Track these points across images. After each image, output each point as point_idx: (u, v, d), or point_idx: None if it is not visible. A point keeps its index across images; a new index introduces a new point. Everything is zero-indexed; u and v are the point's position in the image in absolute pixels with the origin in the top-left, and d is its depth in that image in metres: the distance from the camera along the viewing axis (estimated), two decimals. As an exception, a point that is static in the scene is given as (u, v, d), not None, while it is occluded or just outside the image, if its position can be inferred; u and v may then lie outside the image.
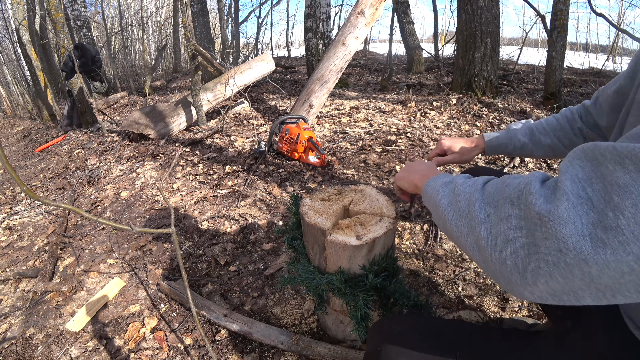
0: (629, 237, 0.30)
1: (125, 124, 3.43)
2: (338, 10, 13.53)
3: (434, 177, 0.64)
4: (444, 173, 0.66)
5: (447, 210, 0.52)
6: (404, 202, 1.95)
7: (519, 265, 0.38)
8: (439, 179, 0.61)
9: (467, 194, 0.48)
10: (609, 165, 0.34)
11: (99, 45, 8.71)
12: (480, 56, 3.60)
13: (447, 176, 0.62)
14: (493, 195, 0.44)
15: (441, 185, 0.58)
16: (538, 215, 0.36)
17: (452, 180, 0.57)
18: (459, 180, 0.55)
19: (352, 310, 0.88)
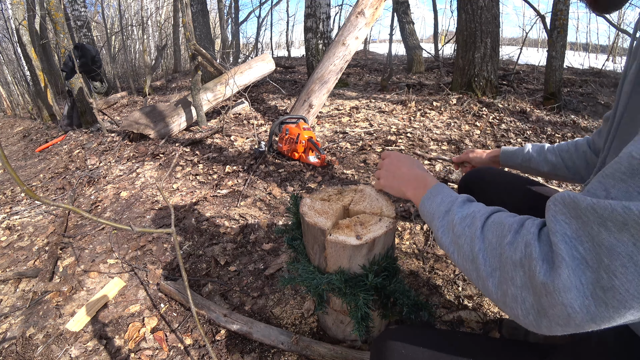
0: (626, 296, 0.33)
1: (125, 124, 3.43)
2: (338, 10, 13.54)
3: (428, 196, 0.62)
4: (436, 185, 0.64)
5: (450, 250, 0.53)
6: (404, 201, 1.95)
7: (532, 321, 0.40)
8: (434, 202, 0.60)
9: (468, 238, 0.49)
10: (593, 227, 0.35)
11: (99, 45, 8.71)
12: (480, 56, 3.60)
13: (441, 196, 0.60)
14: (495, 248, 0.45)
15: (438, 216, 0.57)
16: (543, 285, 0.38)
17: (449, 210, 0.56)
18: (457, 215, 0.54)
19: (352, 310, 0.88)
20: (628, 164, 0.36)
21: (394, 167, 0.76)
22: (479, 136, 2.82)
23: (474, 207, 0.54)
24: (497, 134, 2.82)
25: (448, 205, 0.57)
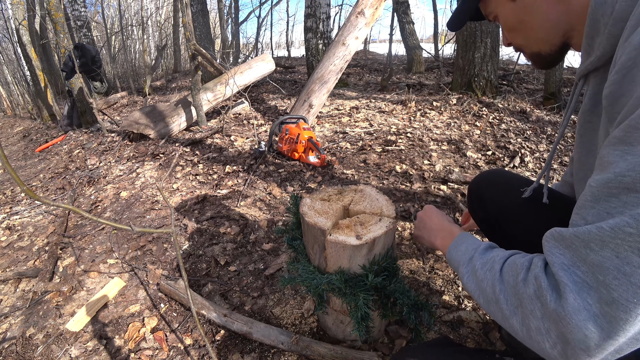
0: (628, 305, 0.36)
1: (125, 124, 3.43)
2: (338, 10, 13.55)
3: (454, 245, 0.67)
4: (461, 234, 0.69)
5: (475, 294, 0.56)
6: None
7: (560, 351, 0.42)
8: (459, 250, 0.65)
9: (489, 281, 0.53)
10: (582, 251, 0.40)
11: (99, 45, 8.71)
12: (480, 56, 3.60)
13: (465, 244, 0.65)
14: (513, 287, 0.48)
15: (463, 263, 0.62)
16: (556, 313, 0.41)
17: (472, 257, 0.60)
18: (478, 261, 0.58)
19: (352, 310, 0.88)
20: (590, 193, 0.42)
21: (427, 219, 0.83)
22: (479, 136, 2.82)
23: (493, 253, 0.57)
24: (497, 134, 2.82)
25: (471, 253, 0.61)
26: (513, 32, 0.64)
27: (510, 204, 0.89)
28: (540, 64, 0.66)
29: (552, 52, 0.61)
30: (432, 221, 0.81)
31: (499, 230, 0.93)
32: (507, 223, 0.89)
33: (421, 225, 0.84)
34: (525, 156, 2.40)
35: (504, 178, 0.97)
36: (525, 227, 0.85)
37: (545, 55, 0.63)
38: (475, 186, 1.00)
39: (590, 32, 0.51)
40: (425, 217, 0.84)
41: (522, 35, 0.63)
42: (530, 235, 0.85)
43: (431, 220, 0.82)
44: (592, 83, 0.57)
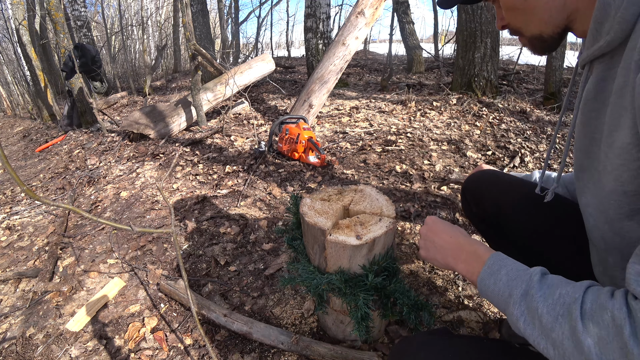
0: None
1: (125, 124, 3.43)
2: (338, 10, 13.55)
3: (489, 273, 0.54)
4: (493, 257, 0.57)
5: (541, 345, 0.45)
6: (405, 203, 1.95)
7: None
8: (498, 280, 0.52)
9: (566, 332, 0.42)
10: None
11: (99, 45, 8.70)
12: (480, 56, 3.60)
13: (506, 271, 0.53)
14: (611, 341, 0.39)
15: (514, 302, 0.49)
16: None
17: (527, 293, 0.48)
18: (540, 302, 0.46)
19: (352, 310, 0.88)
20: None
21: (434, 235, 0.69)
22: (479, 136, 2.82)
23: (558, 288, 0.46)
24: (497, 134, 2.82)
25: (523, 286, 0.49)
26: (513, 11, 0.60)
27: (507, 201, 0.89)
28: (539, 48, 0.62)
29: (554, 35, 0.58)
30: (442, 238, 0.67)
31: (495, 227, 0.93)
32: (504, 220, 0.89)
33: (429, 244, 0.69)
34: (525, 156, 2.40)
35: (498, 176, 0.97)
36: (523, 224, 0.85)
37: (546, 38, 0.59)
38: (470, 185, 1.00)
39: (600, 16, 0.48)
40: (431, 234, 0.70)
41: (523, 16, 0.59)
42: (527, 232, 0.85)
43: (440, 237, 0.68)
44: (597, 70, 0.54)
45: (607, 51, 0.50)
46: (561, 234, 0.80)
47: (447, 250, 0.65)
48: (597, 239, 0.60)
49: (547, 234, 0.82)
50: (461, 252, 0.63)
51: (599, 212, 0.55)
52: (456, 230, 0.68)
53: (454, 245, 0.65)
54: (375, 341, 1.14)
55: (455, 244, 0.65)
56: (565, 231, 0.79)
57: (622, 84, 0.46)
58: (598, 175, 0.54)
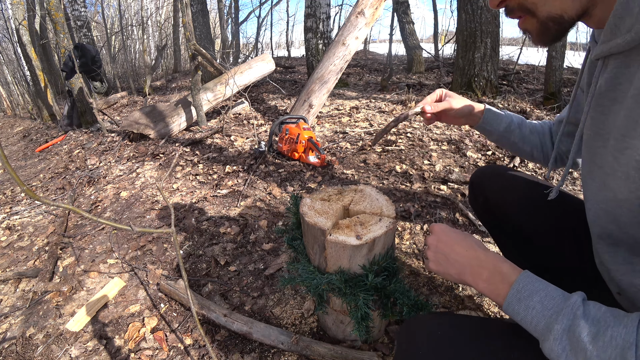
0: None
1: (125, 124, 3.43)
2: (338, 10, 13.55)
3: (519, 298, 0.49)
4: (523, 278, 0.51)
5: None
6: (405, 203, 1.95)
7: None
8: (533, 307, 0.48)
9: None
10: None
11: (99, 45, 8.70)
12: (480, 56, 3.60)
13: (540, 297, 0.48)
14: None
15: (555, 336, 0.44)
16: None
17: (571, 329, 0.44)
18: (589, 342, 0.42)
19: (352, 310, 0.88)
20: None
21: (446, 247, 0.62)
22: (479, 136, 2.82)
23: (608, 327, 0.42)
24: (497, 134, 2.82)
25: (565, 321, 0.44)
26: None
27: (513, 193, 0.91)
28: (549, 35, 0.54)
29: (574, 18, 0.51)
30: (456, 251, 0.60)
31: (500, 219, 0.94)
32: (510, 212, 0.90)
33: (441, 257, 0.62)
34: (525, 156, 2.40)
35: (506, 170, 0.99)
36: (528, 217, 0.86)
37: (566, 21, 0.51)
38: (478, 178, 1.02)
39: (621, 11, 0.45)
40: (442, 245, 0.63)
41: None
42: (532, 226, 0.86)
43: (454, 249, 0.61)
44: (611, 66, 0.51)
45: (625, 49, 0.48)
46: (566, 229, 0.80)
47: (463, 266, 0.59)
48: (601, 235, 0.58)
49: (553, 229, 0.82)
50: (481, 269, 0.56)
51: (605, 212, 0.54)
52: (471, 241, 0.61)
53: (472, 260, 0.58)
54: (375, 341, 1.14)
55: (473, 258, 0.58)
56: (571, 226, 0.79)
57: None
58: (604, 177, 0.53)
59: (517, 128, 0.90)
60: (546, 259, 0.84)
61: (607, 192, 0.52)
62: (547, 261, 0.84)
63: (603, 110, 0.53)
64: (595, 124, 0.56)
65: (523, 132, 0.90)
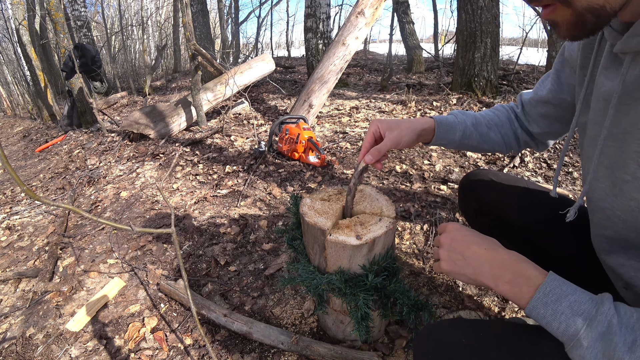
0: None
1: (125, 124, 3.43)
2: (338, 10, 13.55)
3: (545, 302, 0.48)
4: (550, 281, 0.49)
5: None
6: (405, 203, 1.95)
7: None
8: (561, 313, 0.46)
9: None
10: None
11: (99, 45, 8.70)
12: (480, 56, 3.60)
13: (568, 302, 0.46)
14: None
15: (589, 345, 0.43)
16: None
17: (605, 337, 0.42)
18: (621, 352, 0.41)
19: (352, 310, 0.88)
20: None
21: (461, 246, 0.59)
22: (479, 136, 2.82)
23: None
24: (497, 134, 2.82)
25: (599, 326, 0.43)
26: None
27: (509, 195, 0.90)
28: (583, 28, 0.46)
29: (613, 12, 0.44)
30: (474, 251, 0.57)
31: (495, 221, 0.93)
32: (505, 214, 0.90)
33: (456, 256, 0.59)
34: (525, 156, 2.40)
35: (497, 173, 0.98)
36: (525, 218, 0.86)
37: (607, 13, 0.44)
38: (470, 179, 1.01)
39: None
40: (457, 244, 0.59)
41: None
42: (530, 227, 0.86)
43: (471, 249, 0.58)
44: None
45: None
46: (565, 230, 0.80)
47: (482, 266, 0.55)
48: (614, 237, 0.57)
49: (551, 230, 0.82)
50: (503, 270, 0.53)
51: (623, 221, 0.52)
52: (489, 241, 0.58)
53: (493, 260, 0.55)
54: (375, 341, 1.14)
55: (494, 259, 0.55)
56: (567, 228, 0.79)
57: None
58: (620, 184, 0.50)
59: (473, 132, 0.85)
60: (546, 258, 0.84)
61: (627, 202, 0.49)
62: (547, 259, 0.84)
63: (623, 109, 0.50)
64: (612, 122, 0.52)
65: (481, 132, 0.86)
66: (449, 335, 0.56)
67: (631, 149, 0.48)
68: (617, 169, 0.52)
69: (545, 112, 0.78)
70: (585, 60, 0.63)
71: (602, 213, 0.57)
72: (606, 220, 0.57)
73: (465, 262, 0.58)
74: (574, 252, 0.78)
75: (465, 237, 0.60)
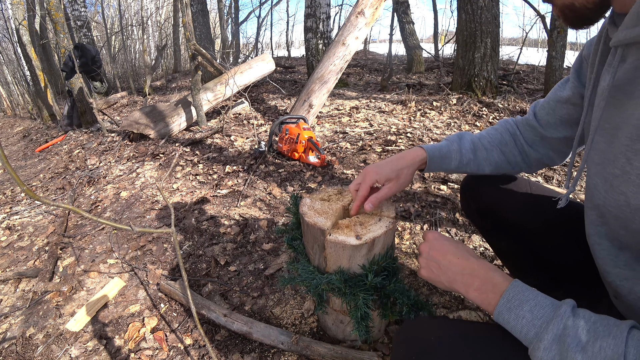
0: None
1: (125, 124, 3.43)
2: (338, 10, 13.56)
3: (509, 307, 0.49)
4: (513, 287, 0.51)
5: None
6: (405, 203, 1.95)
7: None
8: (522, 317, 0.47)
9: None
10: None
11: (99, 45, 8.71)
12: (480, 56, 3.60)
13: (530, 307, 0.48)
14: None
15: (545, 346, 0.44)
16: None
17: (561, 338, 0.43)
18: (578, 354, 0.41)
19: (352, 310, 0.88)
20: None
21: (438, 255, 0.62)
22: (479, 136, 2.82)
23: (597, 338, 0.41)
24: (497, 134, 2.83)
25: (554, 330, 0.44)
26: None
27: (506, 197, 0.89)
28: (571, 19, 0.53)
29: (589, 5, 0.50)
30: (449, 259, 0.61)
31: (493, 223, 0.93)
32: (503, 216, 0.89)
33: (432, 264, 0.63)
34: (525, 156, 2.40)
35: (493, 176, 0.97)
36: (522, 220, 0.85)
37: (579, 8, 0.50)
38: (469, 184, 1.00)
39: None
40: (434, 252, 0.63)
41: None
42: (527, 228, 0.85)
43: (446, 257, 0.61)
44: (633, 57, 0.47)
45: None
46: (562, 231, 0.80)
47: (455, 274, 0.59)
48: (608, 236, 0.56)
49: (548, 231, 0.82)
50: (473, 277, 0.56)
51: (614, 217, 0.52)
52: (463, 250, 0.62)
53: (464, 269, 0.58)
54: (375, 341, 1.14)
55: (465, 267, 0.58)
56: (567, 228, 0.78)
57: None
58: (610, 178, 0.50)
59: (471, 159, 0.85)
60: (548, 260, 0.84)
61: (617, 196, 0.49)
62: (548, 262, 0.84)
63: (615, 104, 0.50)
64: (603, 116, 0.52)
65: (480, 157, 0.85)
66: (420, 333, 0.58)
67: (621, 143, 0.48)
68: (607, 165, 0.51)
69: (565, 113, 0.75)
70: (594, 57, 0.63)
71: (597, 210, 0.56)
72: (601, 217, 0.56)
73: (441, 270, 0.61)
74: (574, 254, 0.78)
75: (442, 246, 0.63)
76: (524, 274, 0.94)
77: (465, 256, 0.60)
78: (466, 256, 0.60)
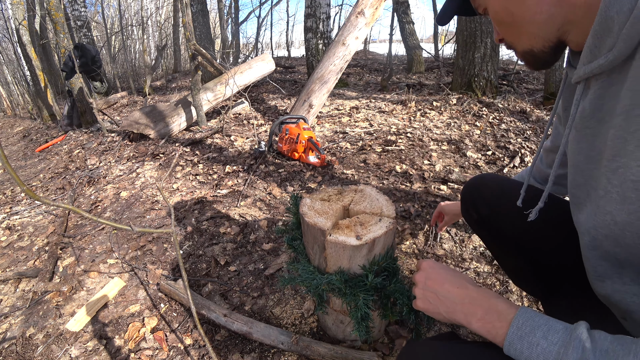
0: None
1: (125, 124, 3.43)
2: (338, 10, 13.56)
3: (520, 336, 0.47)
4: (522, 314, 0.49)
5: None
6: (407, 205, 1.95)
7: None
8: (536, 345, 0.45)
9: None
10: None
11: (99, 45, 8.71)
12: (480, 56, 3.60)
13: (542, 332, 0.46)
14: None
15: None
16: None
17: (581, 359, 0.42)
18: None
19: (352, 310, 0.88)
20: None
21: (435, 285, 0.60)
22: (479, 136, 2.82)
23: (617, 355, 0.41)
24: (497, 134, 2.82)
25: (575, 352, 0.42)
26: (503, 26, 0.58)
27: (503, 205, 0.88)
28: (533, 63, 0.59)
29: (545, 50, 0.55)
30: (447, 289, 0.58)
31: (493, 230, 0.92)
32: (501, 225, 0.89)
33: (430, 295, 0.60)
34: (525, 156, 2.40)
35: (495, 181, 0.96)
36: (519, 229, 0.85)
37: (537, 53, 0.56)
38: (468, 190, 0.99)
39: (600, 31, 0.45)
40: (431, 282, 0.61)
41: (512, 30, 0.57)
42: (524, 237, 0.85)
43: (444, 287, 0.59)
44: (595, 87, 0.51)
45: (607, 69, 0.47)
46: (563, 243, 0.79)
47: (454, 304, 0.56)
48: (606, 257, 0.56)
49: (548, 243, 0.81)
50: (474, 307, 0.54)
51: (606, 237, 0.52)
52: (461, 278, 0.59)
53: (464, 298, 0.56)
54: (375, 341, 1.14)
55: (465, 297, 0.56)
56: (567, 241, 0.78)
57: (628, 107, 0.43)
58: (597, 199, 0.52)
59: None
60: (547, 272, 0.83)
61: (603, 216, 0.50)
62: (548, 273, 0.83)
63: (592, 132, 0.53)
64: (585, 147, 0.55)
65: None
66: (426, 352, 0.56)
67: (602, 165, 0.50)
68: (592, 191, 0.53)
69: (551, 160, 0.85)
70: (564, 100, 0.70)
71: (588, 235, 0.57)
72: (593, 241, 0.56)
73: (439, 300, 0.58)
74: (574, 266, 0.77)
75: (438, 275, 0.61)
76: (525, 282, 0.94)
77: (464, 285, 0.58)
78: (465, 285, 0.58)
